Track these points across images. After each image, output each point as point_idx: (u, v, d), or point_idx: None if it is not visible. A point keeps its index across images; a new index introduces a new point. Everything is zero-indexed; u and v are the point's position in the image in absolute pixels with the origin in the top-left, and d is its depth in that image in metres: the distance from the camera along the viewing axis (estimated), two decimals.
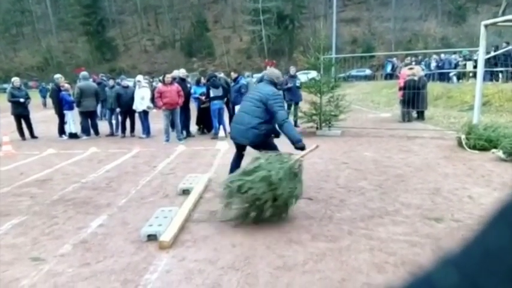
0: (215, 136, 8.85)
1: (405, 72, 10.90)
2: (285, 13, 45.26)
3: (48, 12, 53.01)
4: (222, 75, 10.57)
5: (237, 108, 8.59)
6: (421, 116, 10.88)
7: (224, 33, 49.91)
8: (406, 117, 10.73)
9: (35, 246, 3.39)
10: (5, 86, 37.70)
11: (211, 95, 8.84)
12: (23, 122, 9.54)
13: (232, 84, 9.32)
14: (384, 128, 9.47)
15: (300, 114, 9.45)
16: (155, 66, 45.71)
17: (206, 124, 9.68)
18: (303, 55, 20.35)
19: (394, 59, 24.93)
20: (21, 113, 9.49)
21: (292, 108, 9.70)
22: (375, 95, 19.13)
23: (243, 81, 9.45)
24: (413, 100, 9.96)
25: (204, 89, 9.41)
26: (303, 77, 11.77)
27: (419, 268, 0.30)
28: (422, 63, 19.92)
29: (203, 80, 9.99)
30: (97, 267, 2.97)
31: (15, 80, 9.71)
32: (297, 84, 9.67)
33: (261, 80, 5.61)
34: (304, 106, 9.50)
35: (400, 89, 10.79)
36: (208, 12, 53.23)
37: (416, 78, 10.43)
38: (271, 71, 4.77)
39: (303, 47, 37.94)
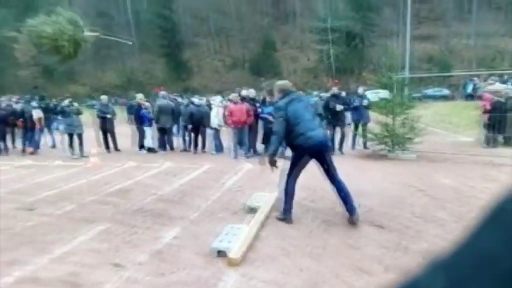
0: (282, 156, 8.90)
1: (490, 93, 10.03)
2: (354, 32, 44.64)
3: (132, 36, 58.53)
4: None
5: None
6: (508, 141, 9.86)
7: (292, 53, 50.64)
8: (491, 142, 9.80)
9: (116, 253, 3.67)
10: (94, 102, 42.30)
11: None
12: (108, 136, 10.53)
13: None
14: (465, 153, 8.74)
15: (369, 135, 9.13)
16: (225, 85, 47.70)
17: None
18: (372, 74, 19.82)
19: (476, 79, 23.07)
20: (107, 128, 10.49)
21: (360, 129, 9.42)
22: (454, 117, 17.80)
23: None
24: (499, 124, 9.08)
25: (271, 109, 9.57)
26: (372, 96, 11.43)
27: (407, 273, 0.29)
28: (509, 83, 18.14)
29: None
30: (171, 278, 3.12)
31: (103, 98, 10.80)
32: (365, 104, 9.40)
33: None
34: (374, 127, 9.17)
35: (485, 111, 9.92)
36: (277, 33, 54.55)
37: (503, 99, 9.53)
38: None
39: (373, 65, 36.94)
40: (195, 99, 10.56)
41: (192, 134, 10.29)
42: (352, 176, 5.94)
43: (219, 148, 9.87)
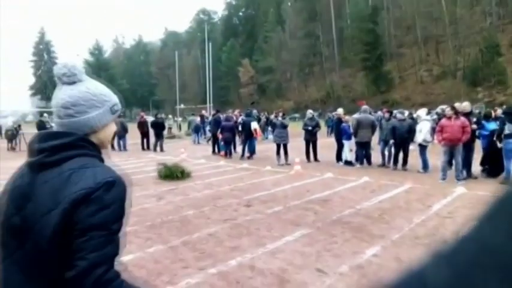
0: (506, 181, 7.34)
1: None
2: None
3: (335, 52, 61.00)
4: None
5: None
6: None
7: None
8: None
9: (318, 258, 3.87)
10: (296, 115, 46.39)
11: (506, 131, 7.45)
12: (310, 146, 11.26)
13: None
14: None
15: None
16: (431, 97, 43.37)
17: (494, 165, 8.19)
18: None
19: None
20: (309, 139, 11.26)
21: None
22: None
23: None
24: None
25: (494, 125, 8.06)
26: None
27: (412, 264, 0.27)
28: None
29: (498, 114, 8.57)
30: None
31: (309, 112, 11.63)
32: None
33: None
34: None
35: None
36: (502, 34, 45.63)
37: None
38: None
39: None
40: (398, 114, 10.01)
41: (393, 149, 9.80)
42: None
43: (425, 166, 9.02)
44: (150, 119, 17.60)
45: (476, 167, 8.50)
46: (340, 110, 11.37)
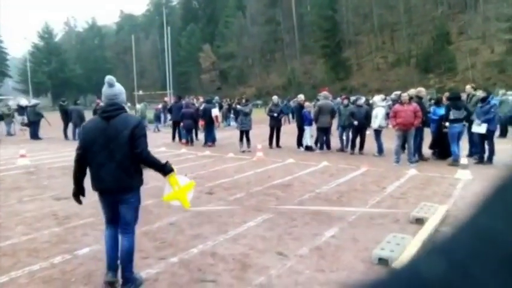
0: (454, 163, 7.86)
1: None
2: None
3: (295, 39, 61.41)
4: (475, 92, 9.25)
5: None
6: None
7: (471, 45, 43.75)
8: None
9: (279, 242, 3.95)
10: (258, 102, 46.50)
11: (451, 117, 7.96)
12: (275, 132, 11.35)
13: (480, 105, 8.06)
14: None
15: None
16: (386, 83, 45.03)
17: (443, 148, 8.73)
18: None
19: None
20: (274, 125, 11.34)
21: None
22: None
23: (494, 101, 8.00)
24: None
25: (443, 110, 8.55)
26: None
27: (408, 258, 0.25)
28: None
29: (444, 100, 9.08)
30: (331, 276, 3.17)
31: (274, 98, 11.68)
32: None
33: None
34: None
35: None
36: (453, 23, 48.08)
37: None
38: None
39: None
40: (359, 100, 10.30)
41: (350, 134, 10.13)
42: None
43: (380, 150, 9.42)
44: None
45: (426, 150, 9.00)
46: (301, 96, 11.52)
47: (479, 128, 7.95)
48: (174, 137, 13.37)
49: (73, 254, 3.69)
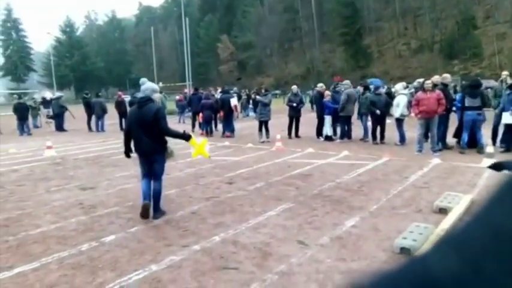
0: (481, 151, 7.64)
1: None
2: None
3: (314, 27, 60.45)
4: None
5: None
6: None
7: (498, 29, 41.96)
8: None
9: (300, 232, 3.97)
10: (277, 91, 46.24)
11: (466, 104, 7.74)
12: (294, 122, 11.30)
13: (508, 92, 7.77)
14: None
15: None
16: (408, 71, 43.92)
17: (469, 137, 8.47)
18: None
19: None
20: (293, 115, 11.28)
21: None
22: None
23: None
24: None
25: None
26: None
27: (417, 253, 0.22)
28: None
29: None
30: (352, 265, 3.16)
31: (294, 88, 11.60)
32: None
33: None
34: None
35: None
36: (479, 7, 46.17)
37: None
38: None
39: None
40: (380, 89, 10.10)
41: (370, 124, 9.96)
42: None
43: (402, 139, 9.24)
44: (127, 98, 17.16)
45: (451, 138, 8.76)
46: (320, 85, 11.39)
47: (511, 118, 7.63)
48: (193, 127, 13.51)
49: (100, 242, 3.82)
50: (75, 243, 3.79)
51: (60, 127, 15.71)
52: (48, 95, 18.09)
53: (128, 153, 4.68)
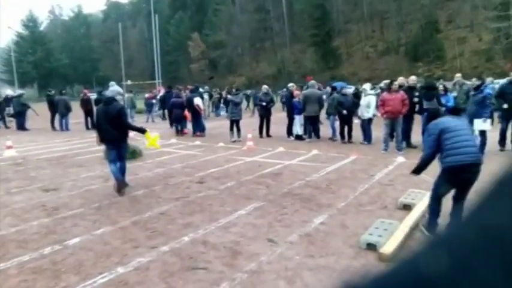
0: None
1: None
2: None
3: (285, 28, 60.99)
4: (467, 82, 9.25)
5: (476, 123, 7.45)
6: None
7: (459, 33, 44.05)
8: None
9: (270, 229, 4.00)
10: (248, 91, 46.28)
11: (424, 106, 8.07)
12: (264, 122, 11.35)
13: (473, 93, 8.16)
14: None
15: None
16: (376, 72, 45.22)
17: None
18: None
19: None
20: (264, 115, 11.33)
21: None
22: None
23: (488, 90, 8.04)
24: None
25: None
26: None
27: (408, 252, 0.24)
28: None
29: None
30: (319, 262, 3.22)
31: (264, 88, 11.65)
32: None
33: None
34: None
35: None
36: (441, 12, 48.24)
37: None
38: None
39: None
40: (345, 89, 10.35)
41: (337, 123, 10.19)
42: None
43: (369, 139, 9.51)
44: (94, 96, 16.61)
45: (415, 138, 9.10)
46: (291, 84, 11.52)
47: (484, 125, 7.53)
48: (172, 125, 13.29)
49: (63, 245, 3.68)
50: (36, 247, 3.63)
51: (21, 126, 14.97)
52: (9, 92, 17.19)
53: (101, 140, 5.64)
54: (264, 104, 11.12)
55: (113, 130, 5.36)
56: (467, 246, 0.23)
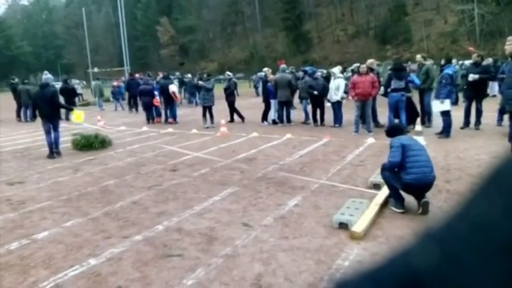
0: (405, 129, 8.23)
1: None
2: None
3: (256, 12, 60.29)
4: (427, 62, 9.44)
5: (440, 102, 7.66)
6: None
7: (425, 16, 45.11)
8: None
9: (245, 214, 4.02)
10: (221, 77, 45.74)
11: (392, 86, 8.23)
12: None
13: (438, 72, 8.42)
14: None
15: None
16: (346, 56, 45.74)
17: (397, 117, 9.10)
18: None
19: None
20: (232, 101, 11.26)
21: None
22: None
23: (447, 70, 8.31)
24: None
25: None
26: None
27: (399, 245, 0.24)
28: None
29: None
30: (294, 243, 3.28)
31: (227, 74, 11.56)
32: None
33: None
34: None
35: None
36: None
37: None
38: None
39: None
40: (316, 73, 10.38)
41: (310, 107, 10.27)
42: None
43: (339, 121, 9.66)
44: (59, 85, 15.90)
45: (383, 119, 9.33)
46: (265, 69, 11.47)
47: (443, 105, 7.65)
48: (136, 109, 13.08)
49: (31, 239, 3.55)
50: (2, 243, 3.49)
51: None
52: None
53: (34, 116, 7.55)
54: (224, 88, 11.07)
55: (47, 108, 7.06)
56: (458, 240, 0.23)
